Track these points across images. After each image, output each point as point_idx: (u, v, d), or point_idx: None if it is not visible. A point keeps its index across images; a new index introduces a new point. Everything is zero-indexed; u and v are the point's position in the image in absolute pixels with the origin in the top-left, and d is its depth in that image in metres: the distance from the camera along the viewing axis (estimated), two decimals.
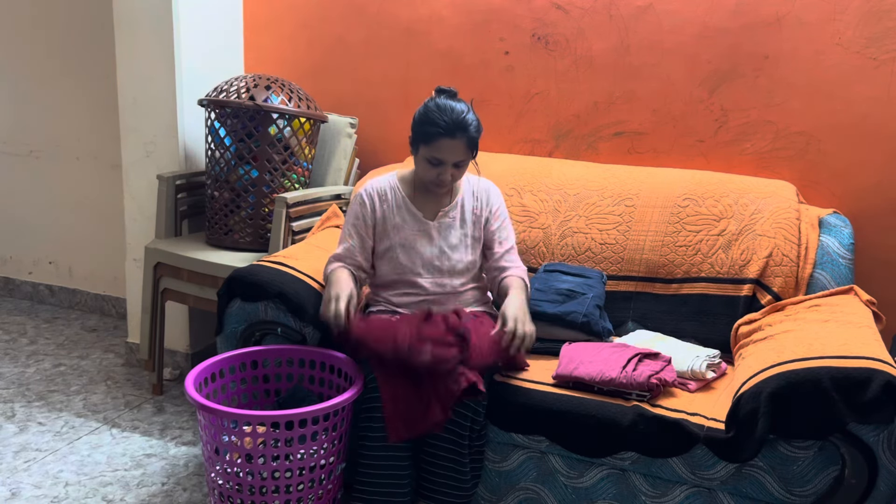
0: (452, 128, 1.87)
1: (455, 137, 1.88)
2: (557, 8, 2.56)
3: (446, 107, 1.89)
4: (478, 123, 1.93)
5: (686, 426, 1.65)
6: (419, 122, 1.92)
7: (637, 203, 2.30)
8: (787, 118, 2.37)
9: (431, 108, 1.91)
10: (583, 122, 2.60)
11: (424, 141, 1.91)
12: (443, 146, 1.89)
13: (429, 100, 1.95)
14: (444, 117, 1.88)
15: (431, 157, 1.91)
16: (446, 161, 1.91)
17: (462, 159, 1.92)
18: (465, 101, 1.95)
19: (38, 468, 2.21)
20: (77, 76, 3.26)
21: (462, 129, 1.88)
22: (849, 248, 2.11)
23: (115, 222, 3.20)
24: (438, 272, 2.01)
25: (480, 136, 1.94)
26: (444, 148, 1.89)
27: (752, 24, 2.36)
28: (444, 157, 1.90)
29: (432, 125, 1.88)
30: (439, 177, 1.93)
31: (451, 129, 1.87)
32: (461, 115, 1.89)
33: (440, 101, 1.92)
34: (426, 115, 1.91)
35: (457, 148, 1.89)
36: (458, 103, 1.92)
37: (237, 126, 2.46)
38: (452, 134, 1.87)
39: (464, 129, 1.88)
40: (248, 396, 1.98)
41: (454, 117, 1.88)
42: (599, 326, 2.05)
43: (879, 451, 1.51)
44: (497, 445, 1.85)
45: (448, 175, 1.93)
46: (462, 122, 1.88)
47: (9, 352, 3.01)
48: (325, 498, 1.78)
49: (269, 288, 1.97)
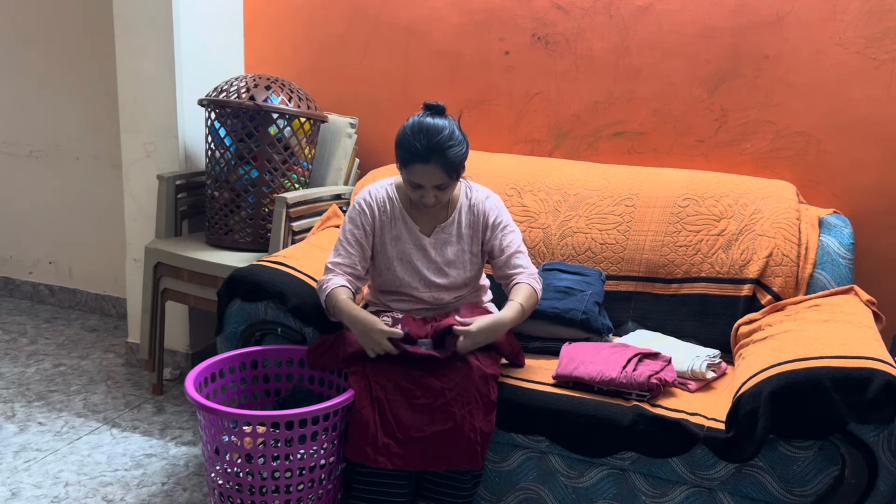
0: (426, 153, 1.77)
1: (429, 162, 1.77)
2: (557, 8, 2.56)
3: (422, 128, 1.78)
4: (459, 144, 1.80)
5: (686, 426, 1.65)
6: (397, 145, 1.83)
7: (637, 203, 2.30)
8: (787, 118, 2.37)
9: (408, 130, 1.81)
10: (583, 122, 2.60)
11: (402, 165, 1.83)
12: (417, 171, 1.80)
13: (411, 118, 1.85)
14: (418, 142, 1.77)
15: (409, 181, 1.84)
16: (425, 185, 1.82)
17: (441, 183, 1.82)
18: (451, 116, 1.85)
19: (38, 468, 2.21)
20: (77, 76, 3.26)
21: (437, 153, 1.76)
22: (849, 248, 2.11)
23: (115, 222, 3.20)
24: (436, 287, 1.97)
25: (464, 156, 1.83)
26: (419, 173, 1.80)
27: (752, 23, 2.36)
28: (420, 181, 1.81)
29: (406, 150, 1.80)
30: (422, 199, 1.85)
31: (424, 155, 1.77)
32: (436, 136, 1.77)
33: (419, 119, 1.81)
34: (403, 137, 1.81)
35: (432, 173, 1.79)
36: (440, 121, 1.80)
37: (237, 126, 2.46)
38: (426, 159, 1.77)
39: (439, 153, 1.76)
40: (248, 396, 1.98)
41: (428, 140, 1.76)
42: (598, 323, 2.05)
43: (879, 451, 1.51)
44: (497, 445, 1.85)
45: (431, 198, 1.84)
46: (436, 145, 1.76)
47: (9, 352, 3.01)
48: (325, 498, 1.78)
49: (269, 288, 1.97)
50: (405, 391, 1.75)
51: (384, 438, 1.71)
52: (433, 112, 1.84)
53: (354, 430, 1.72)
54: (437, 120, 1.81)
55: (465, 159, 1.84)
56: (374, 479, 1.77)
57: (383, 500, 1.78)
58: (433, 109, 1.85)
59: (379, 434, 1.71)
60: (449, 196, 1.90)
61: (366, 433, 1.71)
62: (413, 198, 1.89)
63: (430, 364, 1.78)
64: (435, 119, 1.81)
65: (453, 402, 1.72)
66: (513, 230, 1.99)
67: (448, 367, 1.77)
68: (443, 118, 1.83)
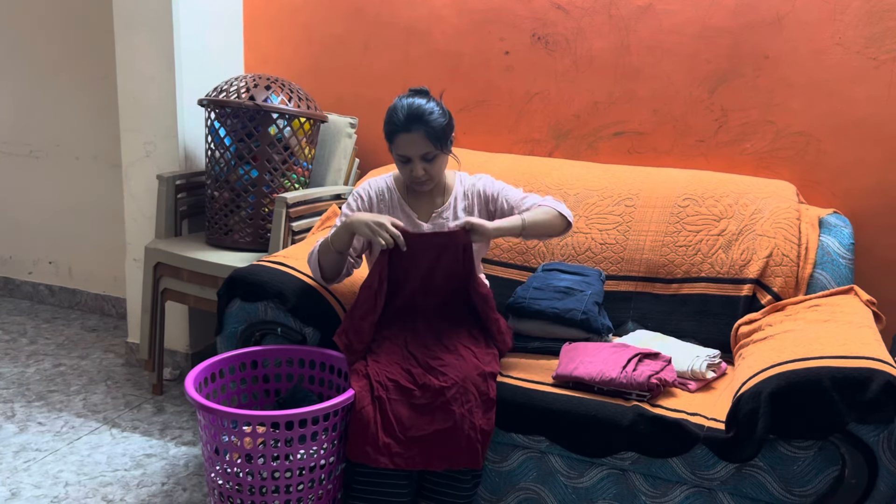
0: (407, 122, 1.85)
1: (411, 131, 1.85)
2: (557, 8, 2.56)
3: (404, 103, 1.88)
4: (440, 114, 1.88)
5: (686, 426, 1.65)
6: (384, 124, 1.92)
7: (637, 203, 2.30)
8: (787, 118, 2.37)
9: (392, 106, 1.90)
10: (583, 122, 2.60)
11: (388, 140, 1.91)
12: (402, 141, 1.87)
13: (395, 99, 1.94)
14: (400, 114, 1.87)
15: (397, 155, 1.91)
16: (411, 156, 1.88)
17: (427, 152, 1.87)
18: (435, 97, 1.92)
19: (38, 468, 2.21)
20: (77, 76, 3.26)
21: (417, 121, 1.85)
22: (849, 248, 2.11)
23: (115, 222, 3.20)
24: None
25: (448, 126, 1.90)
26: (404, 143, 1.87)
27: (752, 23, 2.36)
28: (406, 152, 1.88)
29: (389, 123, 1.89)
30: (412, 173, 1.91)
31: (406, 124, 1.85)
32: (417, 108, 1.85)
33: (401, 99, 1.90)
34: (388, 114, 1.90)
35: (416, 141, 1.86)
36: (420, 99, 1.89)
37: (237, 126, 2.46)
38: (408, 128, 1.85)
39: (419, 120, 1.85)
40: (248, 396, 1.98)
41: (408, 111, 1.86)
42: (598, 323, 2.05)
43: (879, 451, 1.51)
44: (497, 445, 1.84)
45: (419, 170, 1.89)
46: (416, 113, 1.85)
47: (9, 352, 3.01)
48: (325, 498, 1.78)
49: (269, 288, 1.97)
50: (405, 391, 1.76)
51: (385, 438, 1.71)
52: (416, 93, 1.93)
53: (355, 430, 1.73)
54: (420, 97, 1.90)
55: (450, 130, 1.91)
56: (374, 479, 1.77)
57: (384, 500, 1.78)
58: (418, 91, 1.93)
59: (380, 433, 1.71)
60: (440, 171, 1.95)
61: (366, 433, 1.71)
62: (404, 176, 1.95)
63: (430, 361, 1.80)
64: (419, 97, 1.90)
65: (453, 400, 1.73)
66: (509, 188, 2.04)
67: (447, 366, 1.78)
68: (425, 97, 1.91)
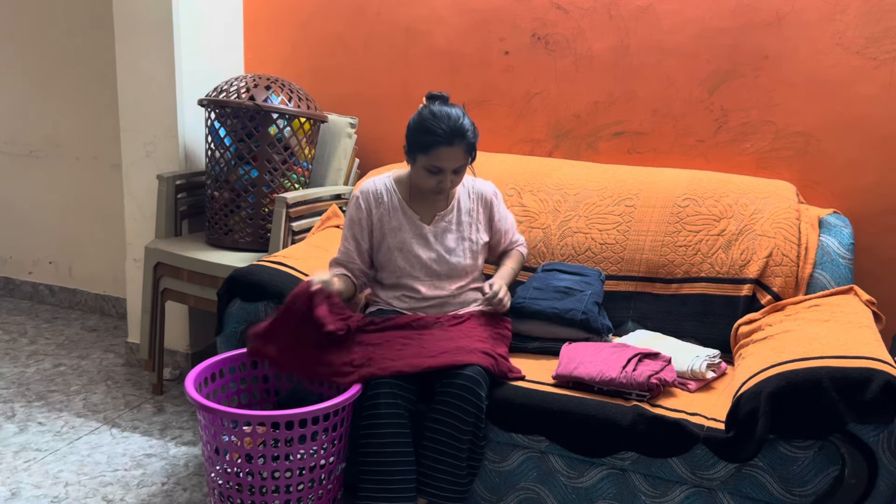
0: (451, 135, 1.86)
1: (454, 145, 1.87)
2: (557, 8, 2.56)
3: (442, 114, 1.88)
4: (474, 128, 1.92)
5: (686, 426, 1.65)
6: (416, 132, 1.91)
7: (637, 203, 2.30)
8: (787, 118, 2.37)
9: (427, 116, 1.89)
10: (583, 122, 2.60)
11: (422, 150, 1.89)
12: (442, 155, 1.88)
13: (422, 107, 1.93)
14: (442, 125, 1.86)
15: (430, 166, 1.90)
16: (446, 169, 1.90)
17: (461, 165, 1.92)
18: (458, 105, 1.94)
19: (38, 468, 2.21)
20: (77, 76, 3.26)
21: (460, 136, 1.87)
22: (849, 248, 2.11)
23: (115, 222, 3.20)
24: (437, 276, 2.02)
25: (478, 139, 1.94)
26: (444, 156, 1.88)
27: (752, 23, 2.36)
28: (443, 165, 1.89)
29: (430, 134, 1.87)
30: (439, 185, 1.93)
31: (449, 137, 1.86)
32: (457, 121, 1.87)
33: (434, 108, 1.90)
34: (422, 123, 1.89)
35: (456, 155, 1.89)
36: (453, 109, 1.90)
37: (237, 126, 2.46)
38: (451, 142, 1.87)
39: (462, 135, 1.87)
40: (248, 396, 1.98)
41: (451, 124, 1.86)
42: (598, 323, 2.05)
43: (879, 451, 1.51)
44: (497, 445, 1.85)
45: (448, 182, 1.93)
46: (459, 128, 1.87)
47: (9, 352, 3.01)
48: (325, 498, 1.78)
49: (268, 288, 1.97)
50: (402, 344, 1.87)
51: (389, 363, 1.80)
52: (443, 101, 1.94)
53: None
54: (451, 107, 1.91)
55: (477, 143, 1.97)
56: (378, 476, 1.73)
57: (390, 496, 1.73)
58: (442, 98, 1.95)
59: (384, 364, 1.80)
60: (461, 181, 2.00)
61: None
62: (428, 185, 1.95)
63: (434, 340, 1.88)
64: (448, 106, 1.91)
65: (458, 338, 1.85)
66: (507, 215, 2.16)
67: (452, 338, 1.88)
68: (453, 106, 1.93)
